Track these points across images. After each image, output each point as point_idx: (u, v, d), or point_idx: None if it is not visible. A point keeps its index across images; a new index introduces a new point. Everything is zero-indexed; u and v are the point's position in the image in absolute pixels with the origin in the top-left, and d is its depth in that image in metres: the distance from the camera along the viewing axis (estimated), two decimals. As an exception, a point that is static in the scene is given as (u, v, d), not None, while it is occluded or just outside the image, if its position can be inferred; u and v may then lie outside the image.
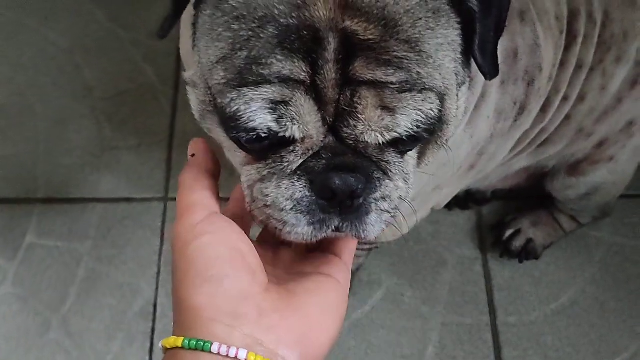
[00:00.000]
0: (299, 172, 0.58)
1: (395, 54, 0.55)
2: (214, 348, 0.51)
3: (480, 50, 0.61)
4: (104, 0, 1.58)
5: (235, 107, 0.55)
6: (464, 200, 1.31)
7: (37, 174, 1.37)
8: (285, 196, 0.59)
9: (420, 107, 0.56)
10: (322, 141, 0.57)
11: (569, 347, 1.21)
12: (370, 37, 0.54)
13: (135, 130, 1.41)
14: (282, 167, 0.59)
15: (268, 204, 0.60)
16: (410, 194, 0.65)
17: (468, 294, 1.26)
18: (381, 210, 0.61)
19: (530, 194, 1.27)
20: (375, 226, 0.62)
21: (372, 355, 1.21)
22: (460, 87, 0.63)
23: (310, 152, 0.58)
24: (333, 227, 0.60)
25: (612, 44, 0.97)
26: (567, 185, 1.14)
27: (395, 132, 0.56)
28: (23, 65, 1.49)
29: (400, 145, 0.60)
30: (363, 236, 0.62)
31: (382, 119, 0.55)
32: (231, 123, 0.56)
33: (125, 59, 1.49)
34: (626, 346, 1.21)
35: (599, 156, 1.10)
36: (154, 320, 1.22)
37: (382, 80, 0.54)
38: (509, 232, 1.27)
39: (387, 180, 0.60)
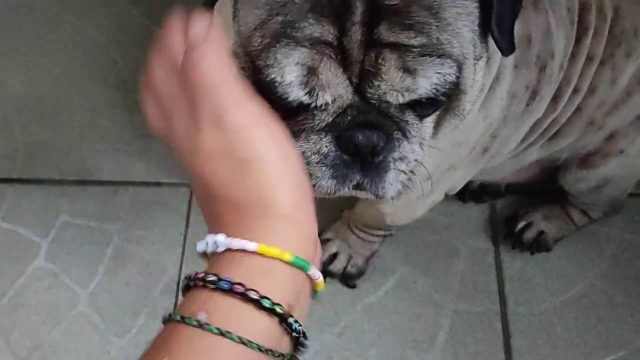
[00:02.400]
0: (326, 129, 0.64)
1: (417, 19, 0.60)
2: (311, 272, 0.52)
3: (497, 26, 0.65)
4: (140, -1, 1.67)
5: (272, 75, 0.60)
6: (478, 194, 1.35)
7: (72, 158, 1.44)
8: (313, 150, 0.64)
9: (439, 71, 0.60)
10: (350, 99, 0.62)
11: (577, 338, 1.24)
12: (395, 2, 0.59)
13: (165, 119, 1.48)
14: (312, 124, 0.64)
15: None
16: (425, 159, 0.69)
17: (479, 284, 1.29)
18: (399, 170, 0.66)
19: (543, 189, 1.30)
20: (393, 185, 0.67)
21: (385, 339, 1.24)
22: (477, 61, 0.68)
23: (340, 110, 0.63)
24: (355, 182, 0.66)
25: (623, 39, 1.01)
26: (578, 178, 1.18)
27: (416, 93, 0.61)
28: (61, 58, 1.57)
29: (419, 108, 0.64)
30: (381, 194, 0.67)
31: (404, 80, 0.60)
32: (268, 90, 0.61)
33: (158, 53, 1.56)
34: (633, 339, 1.24)
35: (609, 149, 1.13)
36: (176, 297, 1.28)
37: (404, 43, 0.59)
38: (521, 224, 1.31)
39: (405, 142, 0.65)
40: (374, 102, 0.63)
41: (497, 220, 1.37)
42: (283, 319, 0.50)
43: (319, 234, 1.27)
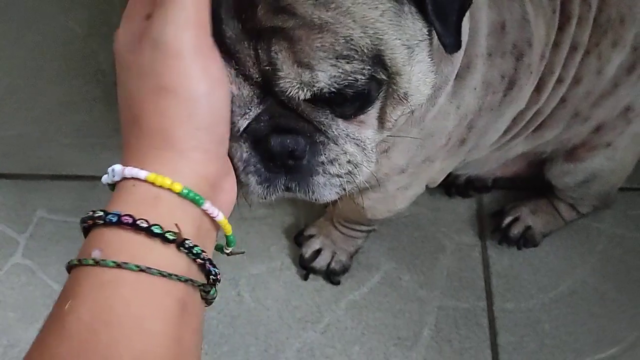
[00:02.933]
0: (244, 135, 0.62)
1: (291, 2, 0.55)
2: (205, 206, 0.53)
3: (437, 17, 0.61)
4: (123, -10, 1.64)
5: None
6: (464, 188, 1.33)
7: (49, 152, 1.41)
8: (236, 157, 0.62)
9: (334, 63, 0.56)
10: (259, 103, 0.60)
11: (566, 335, 1.22)
12: None
13: (146, 113, 1.46)
14: (233, 129, 0.61)
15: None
16: (371, 159, 0.66)
17: (465, 280, 1.27)
18: (330, 174, 0.64)
19: (531, 184, 1.28)
20: (325, 188, 0.65)
21: (368, 336, 1.22)
22: (416, 42, 0.63)
23: (250, 113, 0.60)
24: (282, 186, 0.64)
25: (609, 27, 0.98)
26: (564, 171, 1.15)
27: (316, 87, 0.57)
28: (40, 51, 1.55)
29: (335, 105, 0.61)
30: (314, 197, 0.65)
31: (301, 75, 0.57)
32: None
33: (139, 45, 1.54)
34: (625, 336, 1.21)
35: (596, 142, 1.10)
36: (155, 294, 1.25)
37: (281, 26, 0.55)
38: (508, 219, 1.28)
39: (331, 144, 0.63)
40: (284, 99, 0.60)
41: (483, 215, 1.34)
42: (180, 244, 0.51)
43: (302, 230, 1.27)
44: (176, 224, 0.51)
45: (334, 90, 0.58)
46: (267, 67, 0.57)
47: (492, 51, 0.85)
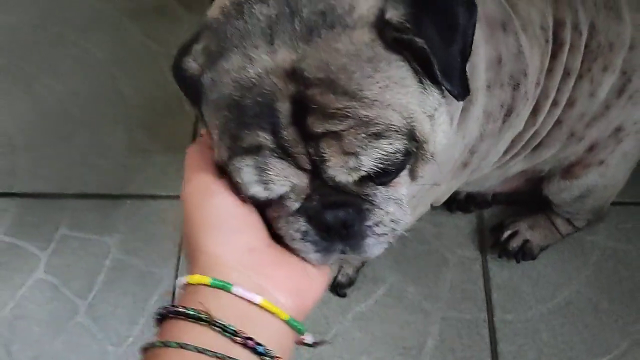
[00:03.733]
0: (299, 211, 0.69)
1: (336, 106, 0.63)
2: (234, 290, 0.61)
3: (444, 77, 0.67)
4: (139, 17, 1.72)
5: (236, 179, 0.66)
6: (465, 204, 1.38)
7: (72, 173, 1.48)
8: (294, 229, 0.69)
9: (377, 146, 0.64)
10: (309, 186, 0.67)
11: (563, 344, 1.27)
12: (313, 96, 0.63)
13: (163, 134, 1.53)
14: (285, 209, 0.69)
15: (283, 235, 0.70)
16: (407, 212, 0.73)
17: (467, 292, 1.33)
18: (377, 234, 0.71)
19: (529, 199, 1.33)
20: (374, 247, 0.72)
21: (375, 346, 1.28)
22: (434, 110, 0.70)
23: (303, 196, 0.68)
24: (338, 251, 0.71)
25: (599, 53, 1.04)
26: (562, 188, 1.21)
27: (362, 170, 0.65)
28: (63, 75, 1.62)
29: (376, 178, 0.68)
30: (365, 256, 0.73)
31: (347, 162, 0.64)
32: (240, 190, 0.68)
33: (156, 69, 1.61)
34: (617, 344, 1.26)
35: (590, 160, 1.16)
36: (173, 307, 1.31)
37: (332, 129, 0.63)
38: (507, 233, 1.34)
39: (375, 209, 0.70)
40: (332, 184, 0.67)
41: (484, 229, 1.40)
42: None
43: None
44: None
45: (378, 170, 0.65)
46: (317, 158, 0.65)
47: (491, 83, 0.91)
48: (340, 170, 0.65)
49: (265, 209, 0.70)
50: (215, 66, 0.67)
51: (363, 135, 0.63)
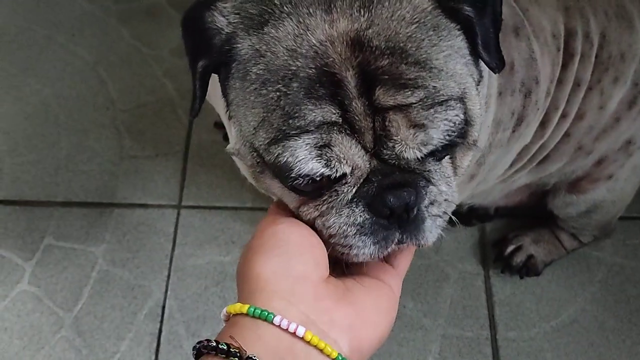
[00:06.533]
0: (355, 199, 0.64)
1: (408, 76, 0.60)
2: (276, 320, 0.56)
3: (484, 49, 0.65)
4: (129, 19, 1.67)
5: (284, 160, 0.60)
6: (467, 217, 1.34)
7: (58, 179, 1.43)
8: (348, 223, 0.64)
9: (446, 118, 0.61)
10: (368, 167, 0.63)
11: (567, 364, 1.23)
12: (383, 66, 0.59)
13: (153, 140, 1.47)
14: (338, 199, 0.64)
15: (332, 233, 0.65)
16: (455, 197, 0.69)
17: (469, 308, 1.28)
18: (433, 215, 0.66)
19: (533, 212, 1.30)
20: (432, 232, 0.67)
21: (373, 365, 1.23)
22: (478, 86, 0.68)
23: (361, 180, 0.63)
24: (396, 241, 0.66)
25: (610, 64, 1.01)
26: (567, 202, 1.18)
27: (431, 144, 0.61)
28: (50, 78, 1.57)
29: (437, 153, 0.64)
30: (423, 243, 0.67)
31: (417, 136, 0.60)
32: (285, 174, 0.62)
33: (147, 73, 1.56)
34: (624, 365, 1.23)
35: (599, 174, 1.13)
36: (161, 322, 1.26)
37: (404, 102, 0.59)
38: (510, 248, 1.30)
39: (430, 186, 0.65)
40: (393, 162, 0.63)
41: (486, 243, 1.36)
42: None
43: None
44: None
45: (446, 142, 0.62)
46: (382, 134, 0.60)
47: (502, 90, 0.88)
48: (408, 146, 0.61)
49: (311, 202, 0.65)
50: (259, 33, 0.62)
51: (430, 106, 0.60)
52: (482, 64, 0.68)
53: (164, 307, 1.27)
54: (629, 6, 1.04)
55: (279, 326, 0.55)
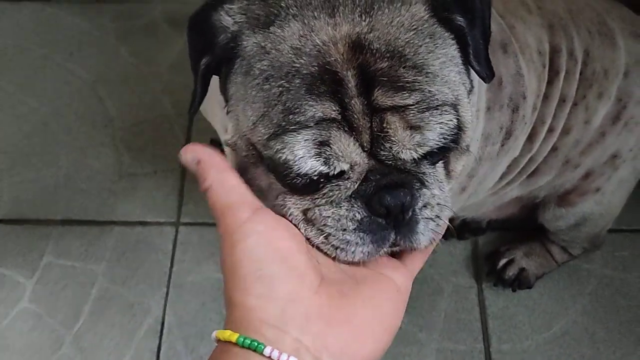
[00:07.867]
0: (353, 196, 0.65)
1: (406, 79, 0.62)
2: (266, 351, 0.54)
3: (475, 59, 0.69)
4: (127, 37, 1.70)
5: (284, 157, 0.62)
6: (460, 231, 1.36)
7: (57, 198, 1.45)
8: (348, 217, 0.65)
9: (441, 121, 0.63)
10: (367, 164, 0.64)
11: (560, 375, 1.25)
12: (383, 68, 0.62)
13: (151, 158, 1.50)
14: (339, 193, 0.65)
15: (329, 224, 0.66)
16: (448, 203, 0.71)
17: (463, 322, 1.30)
18: (425, 217, 0.67)
19: (524, 226, 1.32)
20: (424, 234, 0.68)
21: (369, 378, 1.24)
22: (469, 95, 0.70)
23: (362, 177, 0.65)
24: (391, 241, 0.67)
25: (594, 80, 1.04)
26: (557, 216, 1.20)
27: (427, 146, 0.63)
28: (49, 97, 1.59)
29: (431, 156, 0.66)
30: (415, 246, 0.67)
31: (413, 137, 0.63)
32: (283, 172, 0.63)
33: (145, 91, 1.59)
34: (615, 376, 1.24)
35: (586, 187, 1.15)
36: (160, 338, 1.28)
37: (401, 104, 0.62)
38: (502, 262, 1.32)
39: (424, 189, 0.67)
40: (389, 162, 0.65)
41: (479, 256, 1.38)
42: None
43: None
44: None
45: (441, 145, 0.64)
46: (380, 134, 0.62)
47: (490, 105, 0.90)
48: (404, 147, 0.63)
49: (307, 195, 0.65)
50: (265, 32, 0.64)
51: (426, 110, 0.62)
52: (473, 74, 0.71)
53: (162, 324, 1.29)
54: (611, 23, 1.07)
55: (269, 357, 0.54)
